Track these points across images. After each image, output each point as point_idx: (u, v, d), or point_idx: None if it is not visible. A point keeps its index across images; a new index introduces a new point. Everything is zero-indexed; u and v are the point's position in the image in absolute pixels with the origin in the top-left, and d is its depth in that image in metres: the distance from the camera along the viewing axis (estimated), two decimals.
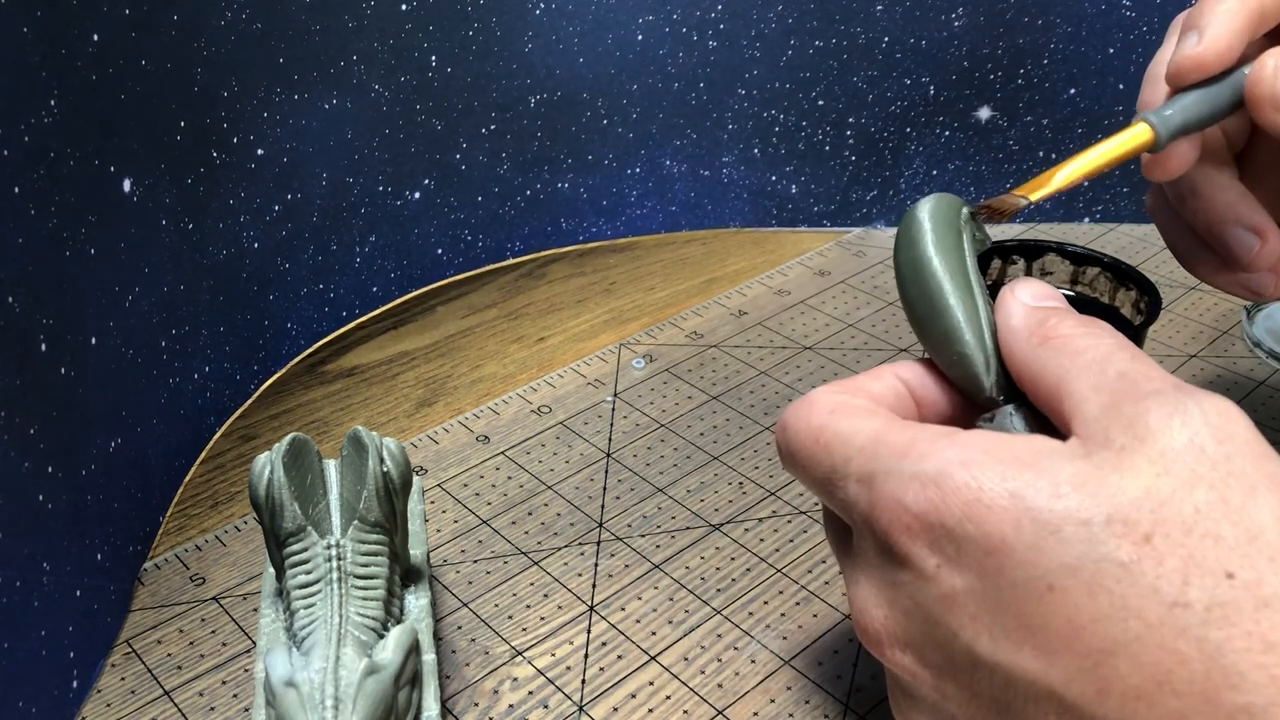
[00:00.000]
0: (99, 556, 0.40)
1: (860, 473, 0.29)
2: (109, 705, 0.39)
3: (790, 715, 0.38)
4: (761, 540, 0.46)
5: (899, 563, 0.28)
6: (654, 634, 0.42)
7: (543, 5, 0.60)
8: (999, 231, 0.68)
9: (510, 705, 0.39)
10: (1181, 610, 0.24)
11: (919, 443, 0.28)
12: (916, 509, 0.27)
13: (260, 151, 0.52)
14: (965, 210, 0.34)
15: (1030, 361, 0.30)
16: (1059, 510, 0.25)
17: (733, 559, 0.45)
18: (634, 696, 0.39)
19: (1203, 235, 0.37)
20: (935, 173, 0.68)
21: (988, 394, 0.32)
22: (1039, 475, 0.26)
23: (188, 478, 0.50)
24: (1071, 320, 0.30)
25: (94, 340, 0.40)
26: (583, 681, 0.40)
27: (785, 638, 0.41)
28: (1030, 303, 0.31)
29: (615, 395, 0.55)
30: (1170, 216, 0.39)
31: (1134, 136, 0.35)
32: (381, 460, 0.37)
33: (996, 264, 0.48)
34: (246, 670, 0.40)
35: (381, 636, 0.35)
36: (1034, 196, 0.35)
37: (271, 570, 0.39)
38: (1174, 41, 0.37)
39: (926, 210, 0.33)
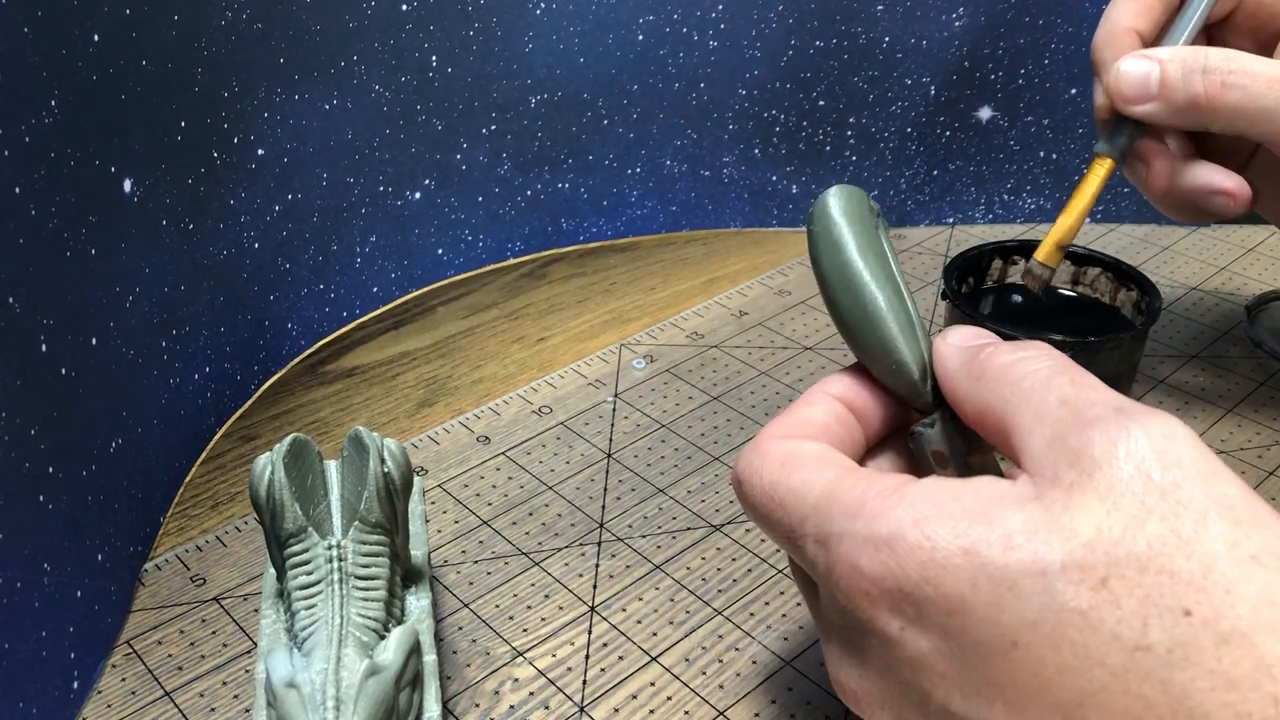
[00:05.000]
0: (99, 557, 0.40)
1: (817, 534, 0.29)
2: (109, 706, 0.39)
3: (791, 716, 0.38)
4: (763, 541, 0.46)
5: (864, 627, 0.28)
6: (655, 635, 0.42)
7: (543, 5, 0.60)
8: (999, 232, 0.68)
9: (511, 706, 0.39)
10: (1143, 654, 0.23)
11: (869, 501, 0.28)
12: (873, 574, 0.27)
13: (260, 151, 0.52)
14: (870, 201, 0.34)
15: (971, 397, 0.29)
16: (1013, 563, 0.25)
17: (734, 559, 0.45)
18: (635, 697, 0.39)
19: (1188, 214, 0.44)
20: (935, 173, 0.68)
21: (925, 399, 0.31)
22: (990, 527, 0.25)
23: (188, 478, 0.50)
24: (1005, 349, 0.30)
25: (94, 340, 0.40)
26: (584, 682, 0.40)
27: (786, 639, 0.41)
28: (961, 344, 0.31)
29: (616, 396, 0.55)
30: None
31: (1100, 170, 0.42)
32: (382, 461, 0.37)
33: (997, 264, 0.48)
34: (247, 671, 0.40)
35: (382, 637, 0.35)
36: (1052, 262, 0.42)
37: (272, 571, 0.39)
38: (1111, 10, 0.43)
39: (841, 210, 0.32)
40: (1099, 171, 0.42)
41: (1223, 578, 0.23)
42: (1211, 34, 0.44)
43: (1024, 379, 0.28)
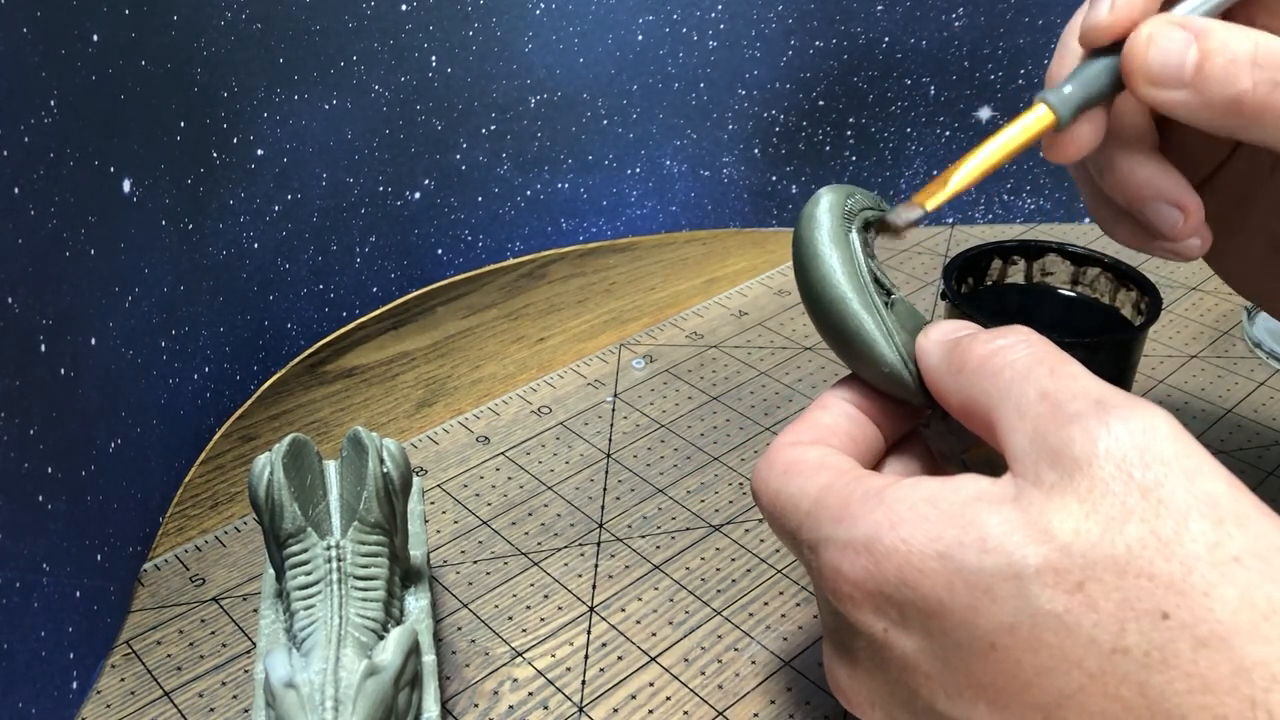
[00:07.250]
0: (99, 557, 0.40)
1: (809, 539, 0.29)
2: (109, 706, 0.39)
3: (790, 716, 0.38)
4: (762, 541, 0.46)
5: (852, 628, 0.28)
6: (654, 635, 0.42)
7: (543, 5, 0.60)
8: (999, 232, 0.68)
9: (510, 706, 0.39)
10: (1121, 657, 0.23)
11: (851, 504, 0.28)
12: (854, 577, 0.27)
13: (260, 151, 0.52)
14: (852, 201, 0.33)
15: (954, 392, 0.29)
16: (988, 567, 0.25)
17: (733, 560, 0.45)
18: (634, 698, 0.39)
19: (1123, 208, 0.35)
20: (935, 173, 0.68)
21: (921, 401, 0.31)
22: (965, 530, 0.25)
23: (187, 478, 0.50)
24: (983, 339, 0.29)
25: (94, 340, 0.40)
26: (583, 683, 0.40)
27: (785, 639, 0.41)
28: (942, 338, 0.31)
29: (615, 396, 0.55)
30: (1091, 184, 0.37)
31: (1035, 121, 0.31)
32: (381, 461, 0.37)
33: (997, 264, 0.48)
34: (246, 671, 0.40)
35: (381, 638, 0.35)
36: (930, 205, 0.32)
37: (271, 571, 0.39)
38: (1088, 6, 0.33)
39: (817, 228, 0.32)
40: (1034, 126, 0.31)
41: (1202, 580, 0.23)
42: (1234, 14, 0.33)
43: (1003, 370, 0.28)
